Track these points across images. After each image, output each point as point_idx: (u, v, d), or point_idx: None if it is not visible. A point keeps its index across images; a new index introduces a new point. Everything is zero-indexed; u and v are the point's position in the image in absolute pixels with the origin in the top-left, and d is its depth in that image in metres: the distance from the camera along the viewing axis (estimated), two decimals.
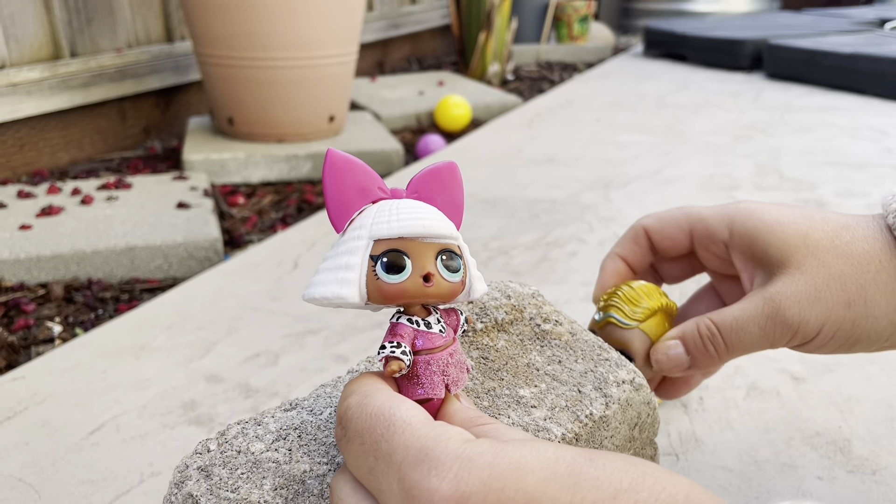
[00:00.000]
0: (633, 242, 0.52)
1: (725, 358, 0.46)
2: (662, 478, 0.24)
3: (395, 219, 0.32)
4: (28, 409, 0.70)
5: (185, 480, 0.32)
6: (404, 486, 0.26)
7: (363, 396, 0.31)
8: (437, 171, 0.35)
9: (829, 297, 0.41)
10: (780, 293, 0.42)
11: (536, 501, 0.24)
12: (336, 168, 0.33)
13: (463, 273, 0.33)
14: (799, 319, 0.41)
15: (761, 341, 0.43)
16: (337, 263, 0.32)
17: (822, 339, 0.42)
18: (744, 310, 0.44)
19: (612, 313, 0.50)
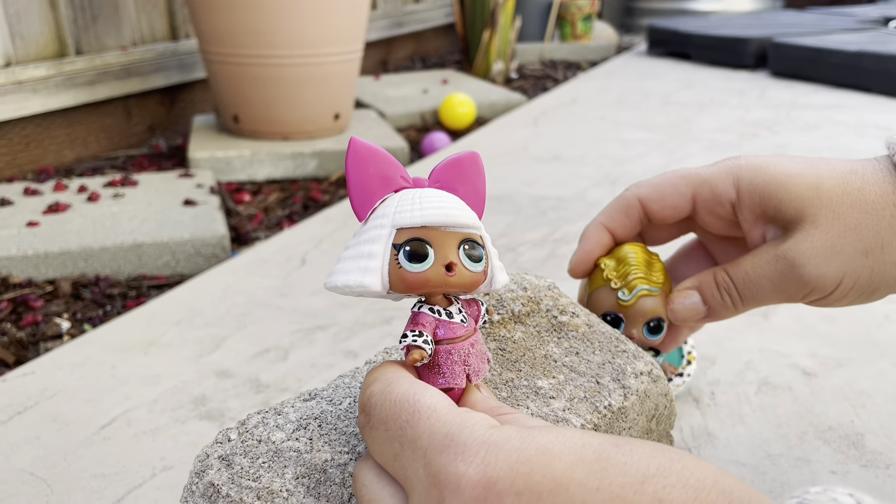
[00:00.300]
0: (623, 214, 0.49)
1: (741, 309, 0.45)
2: (690, 463, 0.24)
3: (419, 207, 0.31)
4: (38, 404, 0.70)
5: (207, 469, 0.32)
6: (430, 471, 0.26)
7: (386, 384, 0.30)
8: (459, 161, 0.35)
9: (846, 249, 0.40)
10: (793, 250, 0.41)
11: (564, 486, 0.24)
12: (359, 156, 0.33)
13: (485, 263, 0.33)
14: (816, 275, 0.41)
15: (776, 296, 0.43)
16: (359, 252, 0.32)
17: (840, 292, 0.42)
18: (755, 265, 0.43)
19: (642, 286, 0.47)
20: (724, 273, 0.45)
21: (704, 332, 0.80)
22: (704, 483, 0.23)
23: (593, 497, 0.23)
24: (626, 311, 0.48)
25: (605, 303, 0.48)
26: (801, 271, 0.41)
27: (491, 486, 0.25)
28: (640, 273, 0.47)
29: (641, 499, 0.23)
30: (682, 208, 0.48)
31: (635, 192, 0.49)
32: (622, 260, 0.48)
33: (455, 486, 0.25)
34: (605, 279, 0.48)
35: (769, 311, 0.84)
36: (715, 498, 0.23)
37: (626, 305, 0.48)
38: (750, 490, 0.23)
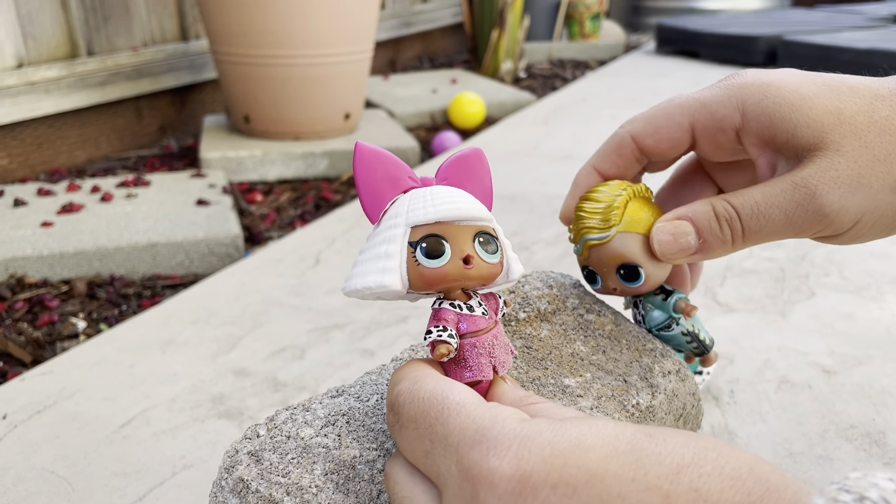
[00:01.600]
0: (615, 154, 0.44)
1: (739, 246, 0.40)
2: (725, 451, 0.24)
3: (431, 204, 0.32)
4: (57, 403, 0.70)
5: (236, 465, 0.32)
6: (463, 467, 0.26)
7: (413, 382, 0.30)
8: (464, 158, 0.36)
9: (874, 182, 0.36)
10: (814, 177, 0.37)
11: (599, 478, 0.24)
12: (366, 160, 0.33)
13: (500, 254, 0.33)
14: (837, 207, 0.36)
15: (785, 230, 0.38)
16: (376, 253, 0.32)
17: (858, 230, 0.38)
18: (768, 195, 0.38)
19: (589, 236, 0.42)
20: (725, 202, 0.39)
21: (722, 329, 0.79)
22: (740, 471, 0.23)
23: (629, 488, 0.23)
24: (589, 264, 0.43)
25: (579, 257, 0.44)
26: (820, 201, 0.36)
27: (525, 480, 0.24)
28: (589, 221, 0.42)
29: (677, 489, 0.23)
30: (681, 140, 0.43)
31: (628, 128, 0.44)
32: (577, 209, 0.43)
33: (489, 480, 0.25)
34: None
35: (787, 310, 0.84)
36: (752, 486, 0.23)
37: (583, 259, 0.44)
38: (786, 477, 0.23)
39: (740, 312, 0.84)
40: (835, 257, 0.98)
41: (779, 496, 0.22)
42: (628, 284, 0.42)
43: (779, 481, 0.23)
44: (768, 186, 0.38)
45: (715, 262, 0.97)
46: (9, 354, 0.86)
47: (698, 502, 0.22)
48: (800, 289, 0.89)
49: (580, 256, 0.43)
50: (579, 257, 0.43)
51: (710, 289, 0.90)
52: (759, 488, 0.22)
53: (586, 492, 0.24)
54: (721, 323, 0.81)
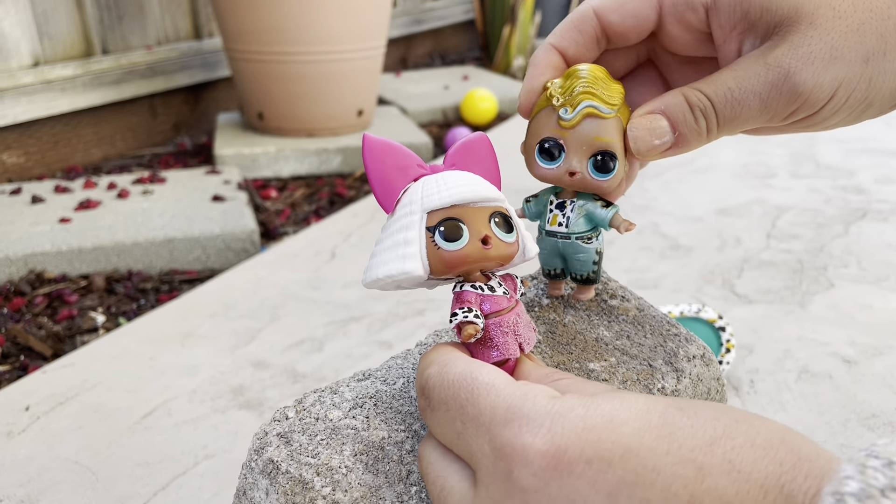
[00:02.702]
0: (576, 30, 0.40)
1: (714, 136, 0.38)
2: (756, 423, 0.24)
3: (444, 188, 0.32)
4: (79, 395, 0.71)
5: (266, 447, 0.32)
6: (496, 445, 0.26)
7: (442, 365, 0.30)
8: (470, 144, 0.36)
9: (846, 54, 0.34)
10: (787, 56, 0.35)
11: (634, 452, 0.24)
12: (374, 151, 0.33)
13: (516, 234, 0.33)
14: (812, 85, 0.34)
15: (760, 115, 0.36)
16: (394, 241, 0.32)
17: (832, 106, 0.36)
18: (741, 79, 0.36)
19: (589, 101, 0.36)
20: (697, 92, 0.37)
21: (740, 320, 0.79)
22: (772, 441, 0.23)
23: (664, 461, 0.23)
24: (567, 135, 0.37)
25: (544, 127, 0.37)
26: (794, 80, 0.35)
27: (560, 455, 0.24)
28: (590, 87, 0.37)
29: (711, 460, 0.23)
30: (646, 17, 0.39)
31: (590, 3, 0.40)
32: (571, 74, 0.38)
33: (523, 457, 0.25)
34: (548, 98, 0.38)
35: (806, 301, 0.84)
36: (784, 455, 0.23)
37: (568, 126, 0.37)
38: (816, 446, 0.23)
39: (759, 304, 0.83)
40: (853, 248, 0.97)
41: (810, 465, 0.22)
42: (597, 176, 0.37)
43: (810, 450, 0.23)
44: (740, 70, 0.36)
45: (732, 252, 0.97)
46: (30, 348, 0.87)
47: (732, 473, 0.23)
48: (818, 280, 0.89)
49: (563, 123, 0.37)
50: (558, 123, 0.37)
51: (727, 280, 0.89)
52: (791, 458, 0.22)
53: (621, 466, 0.24)
54: (740, 314, 0.81)
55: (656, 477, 0.23)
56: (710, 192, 1.21)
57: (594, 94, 0.36)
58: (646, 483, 0.23)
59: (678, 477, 0.23)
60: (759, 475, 0.22)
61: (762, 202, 1.15)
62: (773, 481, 0.22)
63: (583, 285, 0.42)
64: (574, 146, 0.37)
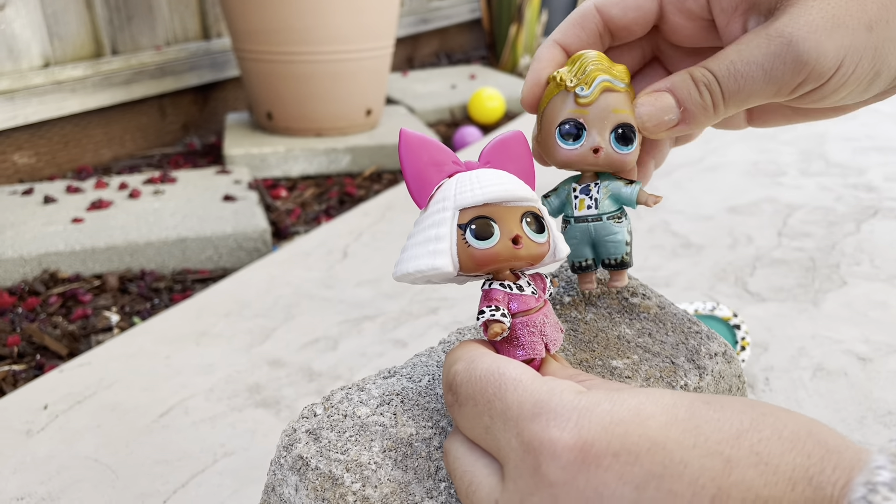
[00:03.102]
0: (578, 27, 0.41)
1: (721, 112, 0.38)
2: (783, 416, 0.24)
3: (478, 186, 0.32)
4: (97, 394, 0.71)
5: (295, 443, 0.33)
6: (523, 439, 0.26)
7: (469, 362, 0.31)
8: (505, 142, 0.36)
9: (848, 21, 0.34)
10: (788, 25, 0.35)
11: (661, 445, 0.24)
12: (411, 146, 0.34)
13: (547, 234, 0.33)
14: (816, 53, 0.34)
15: (765, 87, 0.36)
16: (426, 237, 0.33)
17: (840, 78, 0.35)
18: (743, 52, 0.36)
19: (604, 76, 0.37)
20: (701, 68, 0.37)
21: (754, 318, 0.79)
22: (799, 434, 0.23)
23: (691, 454, 0.23)
24: (586, 112, 0.37)
25: (560, 110, 0.38)
26: (798, 48, 0.34)
27: (588, 449, 0.25)
28: (600, 65, 0.37)
29: (739, 453, 0.23)
30: (648, 9, 0.40)
31: (592, 0, 0.41)
32: (577, 58, 0.38)
33: (551, 451, 0.25)
34: (558, 84, 0.38)
35: (819, 299, 0.84)
36: (811, 448, 0.23)
37: (587, 103, 0.37)
38: (845, 439, 0.23)
39: (772, 302, 0.83)
40: (865, 246, 0.97)
41: (839, 457, 0.22)
42: (620, 148, 0.38)
43: (838, 443, 0.23)
44: (742, 44, 0.36)
45: (744, 251, 0.97)
46: (45, 347, 0.87)
47: (759, 465, 0.23)
48: (831, 278, 0.89)
49: (581, 101, 0.37)
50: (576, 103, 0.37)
51: (740, 279, 0.89)
52: (819, 450, 0.23)
53: (649, 459, 0.24)
54: (753, 312, 0.81)
55: (684, 469, 0.23)
56: (720, 191, 1.21)
57: (605, 69, 0.37)
58: (673, 475, 0.23)
59: (706, 469, 0.23)
60: (787, 467, 0.23)
61: (773, 200, 1.15)
62: (801, 473, 0.22)
63: (616, 271, 0.41)
64: (595, 122, 0.37)
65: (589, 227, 0.39)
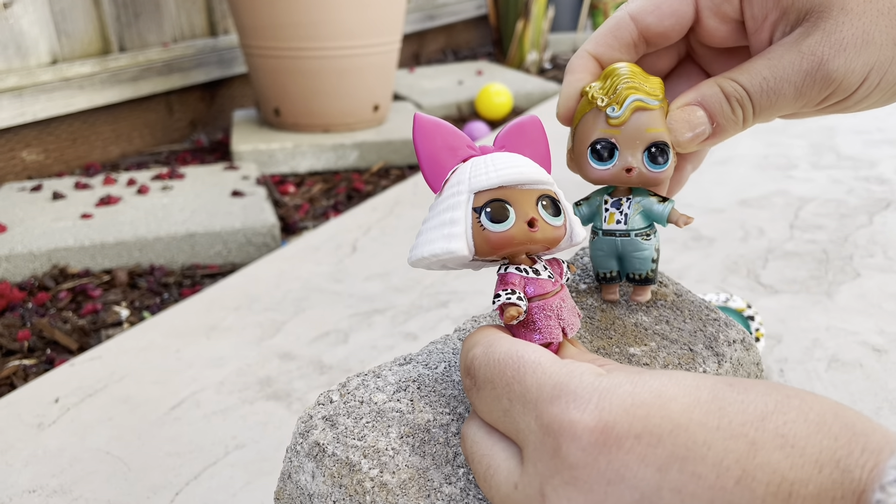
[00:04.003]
0: (612, 37, 0.40)
1: (749, 124, 0.38)
2: (808, 398, 0.24)
3: (493, 169, 0.32)
4: (108, 387, 0.71)
5: (311, 430, 0.32)
6: (543, 421, 0.26)
7: (487, 346, 0.30)
8: (521, 126, 0.36)
9: (878, 38, 0.34)
10: (821, 44, 0.35)
11: (683, 427, 0.23)
12: (425, 130, 0.33)
13: (563, 217, 0.33)
14: (844, 71, 0.35)
15: (794, 102, 0.37)
16: (441, 221, 0.32)
17: (865, 90, 0.36)
18: (775, 69, 0.36)
19: (636, 96, 0.36)
20: (731, 81, 0.37)
21: (767, 310, 0.79)
22: (825, 417, 0.23)
23: (714, 436, 0.23)
24: (619, 132, 0.37)
25: (592, 129, 0.37)
26: (828, 67, 0.35)
27: (609, 431, 0.24)
28: (632, 82, 0.37)
29: (763, 435, 0.23)
30: (684, 14, 0.39)
31: (626, 9, 0.40)
32: (609, 74, 0.38)
33: (571, 432, 0.25)
34: (590, 101, 0.38)
35: (832, 291, 0.83)
36: (838, 430, 0.22)
37: (618, 123, 0.36)
38: (872, 422, 0.23)
39: (785, 294, 0.83)
40: (878, 238, 0.96)
41: (867, 440, 0.22)
42: (654, 168, 0.37)
43: (865, 426, 0.22)
44: (773, 59, 0.36)
45: (756, 243, 0.96)
46: (55, 342, 0.87)
47: (785, 448, 0.22)
48: (844, 270, 0.88)
49: (612, 121, 0.37)
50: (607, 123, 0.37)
51: (752, 271, 0.89)
52: (846, 433, 0.22)
53: (671, 441, 0.23)
54: (766, 304, 0.80)
55: (707, 451, 0.23)
56: (730, 184, 1.20)
57: (637, 87, 0.37)
58: (696, 458, 0.23)
59: (730, 451, 0.23)
60: (814, 450, 0.22)
61: (784, 193, 1.15)
62: (829, 456, 0.22)
63: (640, 286, 0.41)
64: (627, 142, 0.37)
65: (616, 241, 0.39)
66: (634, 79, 0.37)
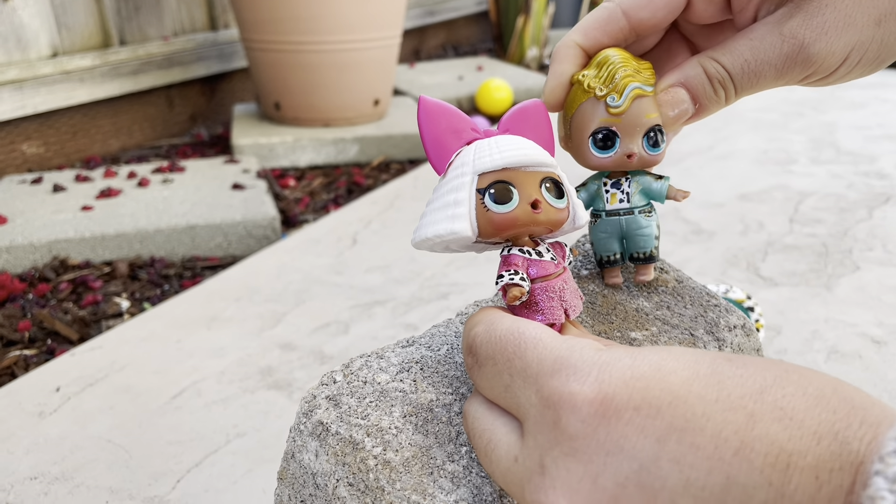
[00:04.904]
0: (600, 31, 0.40)
1: (731, 102, 0.39)
2: (807, 373, 0.24)
3: (497, 151, 0.32)
4: (109, 377, 0.71)
5: (315, 409, 0.33)
6: (543, 394, 0.26)
7: (489, 324, 0.31)
8: (525, 110, 0.36)
9: (859, 19, 0.35)
10: (802, 27, 0.35)
11: (682, 399, 0.24)
12: (430, 113, 0.33)
13: (567, 200, 0.33)
14: (825, 54, 0.35)
15: (775, 82, 0.37)
16: (445, 202, 0.32)
17: (845, 69, 0.36)
18: (756, 49, 0.36)
19: (635, 83, 0.37)
20: (713, 62, 0.37)
21: (766, 302, 0.79)
22: (824, 391, 0.23)
23: (713, 408, 0.23)
24: (619, 121, 0.37)
25: (592, 118, 0.38)
26: (809, 51, 0.35)
27: (608, 402, 0.24)
28: (629, 70, 0.37)
29: (762, 408, 0.23)
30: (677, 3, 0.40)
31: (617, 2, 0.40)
32: (603, 63, 0.38)
33: (571, 404, 0.25)
34: (586, 90, 0.38)
35: (832, 283, 0.83)
36: (837, 404, 0.22)
37: (620, 112, 0.37)
38: (870, 397, 0.23)
39: (784, 286, 0.83)
40: (878, 232, 0.96)
41: (865, 413, 0.22)
42: (653, 151, 0.38)
43: (864, 400, 0.22)
44: (755, 41, 0.37)
45: (755, 237, 0.96)
46: (56, 332, 0.87)
47: (784, 420, 0.22)
48: (843, 263, 0.88)
49: (613, 111, 0.37)
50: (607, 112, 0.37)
51: (752, 264, 0.89)
52: (845, 406, 0.22)
53: (670, 412, 0.24)
54: (766, 296, 0.80)
55: (706, 423, 0.23)
56: (730, 178, 1.20)
57: (634, 75, 0.37)
58: (695, 429, 0.23)
59: (728, 423, 0.23)
60: (812, 422, 0.22)
61: (783, 188, 1.15)
62: (827, 428, 0.22)
63: (644, 265, 0.41)
64: (628, 130, 0.37)
65: (620, 220, 0.40)
66: (629, 66, 0.37)
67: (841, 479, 0.21)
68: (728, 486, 0.22)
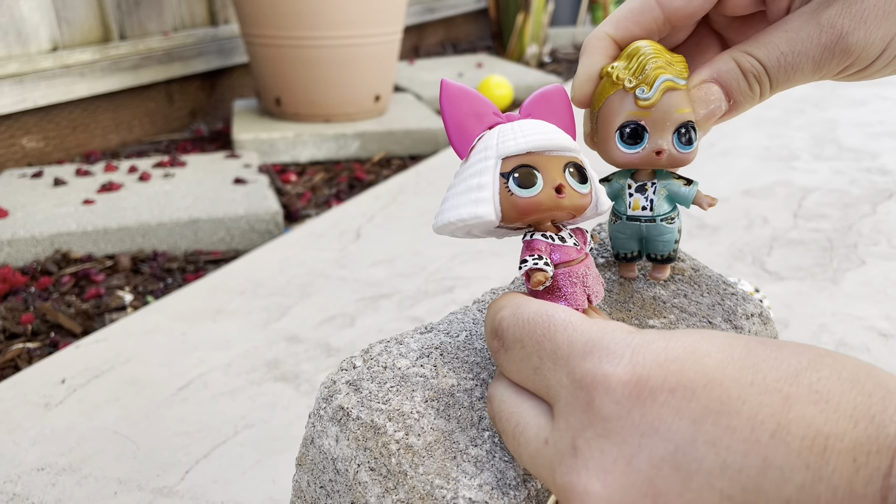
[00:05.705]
0: (633, 21, 0.38)
1: (766, 98, 0.37)
2: (840, 357, 0.24)
3: (521, 135, 0.32)
4: (114, 369, 0.71)
5: (335, 394, 0.32)
6: (575, 376, 0.26)
7: (515, 307, 0.30)
8: (547, 95, 0.36)
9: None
10: (840, 16, 0.34)
11: (718, 381, 0.23)
12: (452, 97, 0.33)
13: (590, 185, 0.33)
14: (864, 43, 0.34)
15: (812, 76, 0.36)
16: (468, 186, 0.32)
17: (883, 60, 0.36)
18: (793, 41, 0.35)
19: (666, 76, 0.35)
20: (747, 56, 0.36)
21: (773, 296, 0.79)
22: (858, 375, 0.23)
23: (749, 391, 0.23)
24: (648, 114, 0.35)
25: (620, 111, 0.36)
26: (848, 40, 0.34)
27: (643, 384, 0.24)
28: (660, 62, 0.35)
29: (798, 391, 0.22)
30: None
31: None
32: (633, 54, 0.36)
33: (605, 385, 0.25)
34: (614, 82, 0.36)
35: (838, 277, 0.83)
36: (871, 388, 0.22)
37: (649, 105, 0.35)
38: None
39: (791, 280, 0.83)
40: (882, 227, 0.96)
41: None
42: (684, 149, 0.36)
43: None
44: (791, 32, 0.35)
45: (760, 232, 0.96)
46: (59, 325, 0.87)
47: (819, 403, 0.22)
48: (849, 257, 0.88)
49: (642, 103, 0.35)
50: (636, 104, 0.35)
51: (757, 258, 0.89)
52: (880, 391, 0.22)
53: (706, 395, 0.23)
54: (772, 290, 0.80)
55: (742, 405, 0.23)
56: (733, 174, 1.20)
57: (666, 67, 0.35)
58: (731, 411, 0.23)
59: (764, 406, 0.23)
60: (848, 405, 0.22)
61: (787, 183, 1.15)
62: (863, 411, 0.22)
63: (661, 264, 0.41)
64: (657, 124, 0.36)
65: (640, 226, 0.38)
66: (661, 57, 0.35)
67: (878, 462, 0.21)
68: (765, 468, 0.22)
